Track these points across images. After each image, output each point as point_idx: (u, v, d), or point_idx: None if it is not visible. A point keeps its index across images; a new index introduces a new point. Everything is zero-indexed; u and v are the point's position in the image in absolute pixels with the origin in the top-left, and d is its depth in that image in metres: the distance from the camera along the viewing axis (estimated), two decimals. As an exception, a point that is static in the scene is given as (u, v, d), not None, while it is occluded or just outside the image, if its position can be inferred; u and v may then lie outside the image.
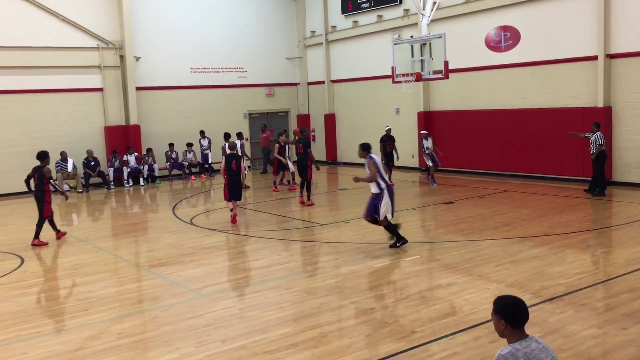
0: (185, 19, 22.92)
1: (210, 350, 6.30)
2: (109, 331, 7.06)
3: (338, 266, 9.53)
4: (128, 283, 9.31)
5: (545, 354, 3.54)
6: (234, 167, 13.08)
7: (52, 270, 10.01)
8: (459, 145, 19.80)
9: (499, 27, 18.31)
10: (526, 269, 8.78)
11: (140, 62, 21.92)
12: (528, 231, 11.26)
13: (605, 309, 7.12)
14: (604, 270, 8.80)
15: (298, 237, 11.65)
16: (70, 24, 20.44)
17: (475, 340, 6.24)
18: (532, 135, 17.71)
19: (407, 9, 20.85)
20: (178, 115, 22.88)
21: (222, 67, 23.92)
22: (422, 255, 10.07)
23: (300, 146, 15.67)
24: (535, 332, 6.08)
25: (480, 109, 19.13)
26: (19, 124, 19.64)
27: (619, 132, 15.92)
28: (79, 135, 20.64)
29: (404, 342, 6.29)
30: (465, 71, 19.04)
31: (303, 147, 15.54)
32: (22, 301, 8.38)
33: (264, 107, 25.35)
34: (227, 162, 13.13)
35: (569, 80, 16.79)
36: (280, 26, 25.51)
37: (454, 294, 7.79)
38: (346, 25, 23.85)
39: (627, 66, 15.58)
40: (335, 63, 24.79)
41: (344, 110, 24.60)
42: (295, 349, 6.23)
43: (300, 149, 15.61)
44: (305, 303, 7.76)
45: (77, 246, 11.71)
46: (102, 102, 21.21)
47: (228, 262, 10.47)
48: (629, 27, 15.39)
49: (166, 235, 12.53)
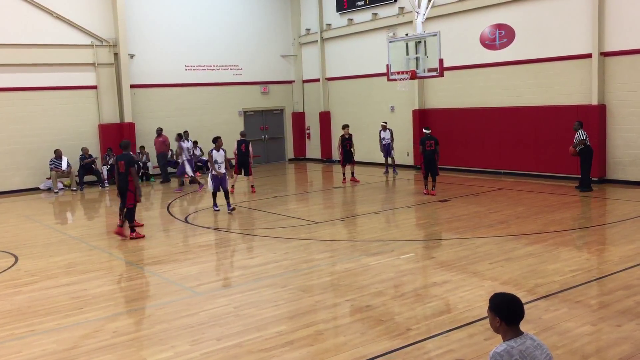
0: (180, 16, 22.86)
1: (205, 348, 6.29)
2: (104, 329, 7.04)
3: (333, 264, 9.53)
4: (123, 281, 9.30)
5: (540, 351, 3.55)
6: (243, 149, 16.96)
7: (46, 268, 9.97)
8: (454, 143, 19.82)
9: (494, 25, 18.34)
10: (521, 266, 8.80)
11: (135, 60, 21.85)
12: (523, 229, 11.29)
13: (599, 306, 7.14)
14: (598, 268, 8.83)
15: (293, 235, 11.65)
16: (64, 21, 20.35)
17: (470, 338, 6.25)
18: (526, 133, 17.76)
19: (402, 7, 20.84)
20: (173, 113, 22.81)
21: (217, 64, 23.87)
22: (417, 253, 10.09)
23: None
24: (530, 329, 6.11)
25: (475, 106, 19.16)
26: (13, 121, 19.55)
27: (613, 130, 15.97)
28: (73, 133, 20.56)
29: (399, 339, 6.30)
30: (460, 69, 19.06)
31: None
32: (16, 299, 8.35)
33: (259, 105, 25.32)
34: (237, 146, 16.94)
35: (564, 78, 16.83)
36: (276, 24, 25.46)
37: (449, 292, 7.81)
38: (341, 23, 23.83)
39: (621, 64, 15.63)
40: (330, 61, 24.77)
41: (339, 108, 24.59)
42: (290, 347, 6.23)
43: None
44: (301, 301, 7.76)
45: (72, 244, 11.67)
46: (96, 100, 21.14)
47: (223, 260, 10.46)
48: (623, 25, 15.43)
49: (161, 233, 12.51)
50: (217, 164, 14.00)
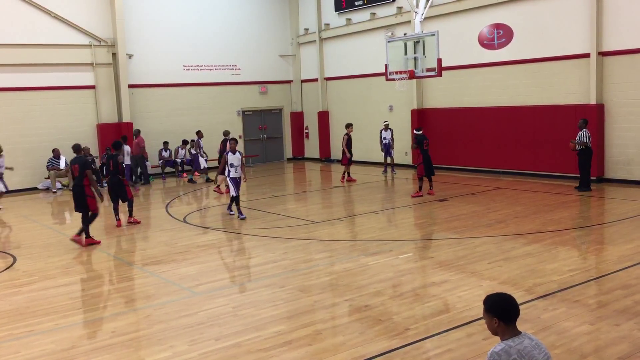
0: (178, 16, 22.85)
1: (203, 348, 6.29)
2: (102, 330, 7.04)
3: (332, 264, 9.53)
4: (121, 281, 9.29)
5: (538, 350, 3.55)
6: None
7: (44, 268, 9.96)
8: (452, 142, 19.84)
9: (492, 24, 18.34)
10: (519, 266, 8.81)
11: (133, 60, 21.84)
12: (521, 228, 11.30)
13: (597, 305, 7.15)
14: (597, 267, 8.84)
15: (292, 235, 11.65)
16: (62, 21, 20.34)
17: (468, 337, 6.25)
18: (525, 132, 17.77)
19: (401, 6, 20.85)
20: (171, 113, 22.82)
21: (215, 64, 23.86)
22: (415, 253, 10.09)
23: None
24: (528, 328, 6.11)
25: (474, 106, 19.17)
26: (11, 121, 19.54)
27: (611, 130, 15.99)
28: (72, 133, 20.51)
29: (398, 339, 6.30)
30: (458, 69, 19.07)
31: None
32: (15, 300, 8.34)
33: (258, 104, 25.31)
34: (223, 145, 16.23)
35: (562, 78, 16.84)
36: (274, 24, 25.46)
37: (448, 292, 7.81)
38: (339, 22, 23.83)
39: (619, 64, 15.65)
40: (328, 61, 24.77)
41: (338, 107, 24.59)
42: (289, 347, 6.23)
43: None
44: (299, 301, 7.76)
45: (70, 244, 11.65)
46: (94, 100, 21.13)
47: (222, 260, 10.46)
48: (621, 24, 15.45)
49: (159, 233, 12.50)
50: (233, 167, 13.27)
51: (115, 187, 13.09)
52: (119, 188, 13.13)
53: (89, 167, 11.34)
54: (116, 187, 13.10)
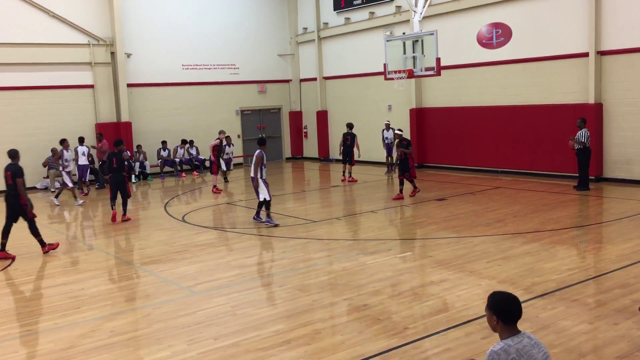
0: (177, 15, 22.83)
1: (202, 347, 6.28)
2: (101, 329, 7.03)
3: (330, 263, 9.53)
4: (120, 281, 9.29)
5: (537, 349, 3.55)
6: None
7: (43, 268, 9.95)
8: (451, 141, 19.85)
9: (491, 24, 18.35)
10: (518, 265, 8.81)
11: (132, 59, 21.82)
12: (520, 227, 11.31)
13: (596, 304, 7.16)
14: (595, 266, 8.85)
15: (290, 234, 11.64)
16: (60, 20, 20.32)
17: (467, 337, 6.26)
18: (523, 131, 17.78)
19: (399, 5, 20.85)
20: (169, 112, 22.80)
21: (214, 63, 23.84)
22: (414, 252, 10.10)
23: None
24: (527, 327, 6.11)
25: (472, 105, 19.17)
26: (10, 121, 19.52)
27: (610, 129, 16.00)
28: (70, 132, 20.44)
29: (397, 338, 6.30)
30: (457, 68, 19.07)
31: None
32: (13, 299, 8.33)
33: (256, 104, 25.30)
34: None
35: (560, 77, 16.85)
36: (272, 23, 25.45)
37: (446, 291, 7.81)
38: (338, 22, 23.82)
39: (617, 63, 15.66)
40: (327, 60, 24.76)
41: (336, 107, 24.59)
42: (288, 346, 6.23)
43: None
44: (298, 300, 7.76)
45: (68, 244, 11.64)
46: (93, 99, 21.12)
47: (220, 259, 10.44)
48: (619, 24, 15.46)
49: (158, 232, 12.49)
50: (265, 168, 12.50)
51: (119, 183, 13.59)
52: (122, 185, 13.60)
53: (20, 175, 10.43)
54: (119, 184, 13.59)
